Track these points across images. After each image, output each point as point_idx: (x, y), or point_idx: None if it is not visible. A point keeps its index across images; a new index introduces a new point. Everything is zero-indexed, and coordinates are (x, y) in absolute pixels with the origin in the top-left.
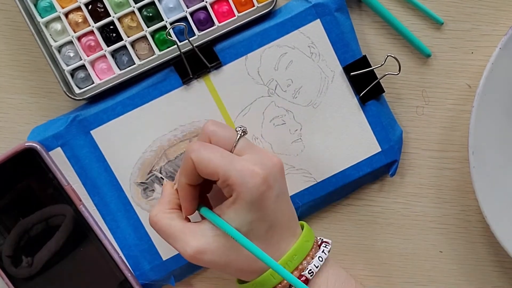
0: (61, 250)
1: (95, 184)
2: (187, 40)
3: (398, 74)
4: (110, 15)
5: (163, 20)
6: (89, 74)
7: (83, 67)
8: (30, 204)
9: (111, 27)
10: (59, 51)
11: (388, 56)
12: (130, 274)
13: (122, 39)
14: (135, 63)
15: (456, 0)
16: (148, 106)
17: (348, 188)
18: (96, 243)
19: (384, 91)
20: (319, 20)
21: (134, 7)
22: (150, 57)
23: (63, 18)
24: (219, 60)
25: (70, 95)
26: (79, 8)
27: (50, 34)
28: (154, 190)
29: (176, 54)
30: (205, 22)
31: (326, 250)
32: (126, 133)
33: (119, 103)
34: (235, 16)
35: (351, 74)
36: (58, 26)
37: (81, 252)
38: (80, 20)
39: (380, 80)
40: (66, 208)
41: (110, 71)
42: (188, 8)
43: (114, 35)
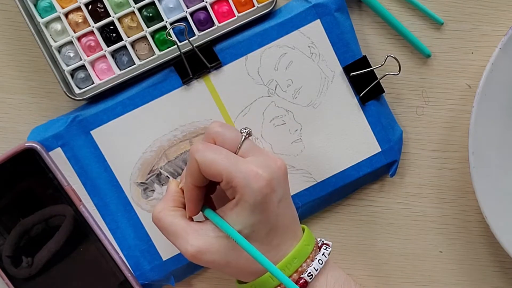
0: (61, 250)
1: (95, 184)
2: (187, 40)
3: (398, 74)
4: (110, 15)
5: (163, 20)
6: (89, 74)
7: (83, 67)
8: (30, 204)
9: (111, 27)
10: (59, 51)
11: (388, 56)
12: (130, 274)
13: (122, 39)
14: (135, 63)
15: (456, 0)
16: (148, 106)
17: (348, 188)
18: (96, 243)
19: (384, 91)
20: (319, 20)
21: (134, 7)
22: (150, 57)
23: (63, 18)
24: (219, 60)
25: (70, 95)
26: (79, 8)
27: (50, 34)
28: (154, 190)
29: (176, 54)
30: (205, 22)
31: (326, 252)
32: (126, 133)
33: (119, 103)
34: (235, 16)
35: (351, 74)
36: (58, 26)
37: (81, 252)
38: (80, 20)
39: (380, 80)
40: (66, 209)
41: (110, 71)
42: (188, 8)
43: (114, 35)
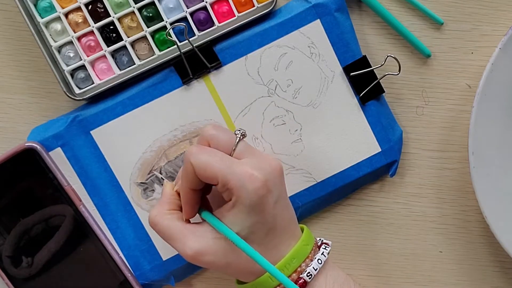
0: (61, 250)
1: (95, 184)
2: (187, 40)
3: (398, 74)
4: (110, 15)
5: (163, 20)
6: (89, 74)
7: (83, 67)
8: (30, 204)
9: (111, 27)
10: (59, 51)
11: (388, 56)
12: (130, 274)
13: (122, 39)
14: (135, 63)
15: (456, 0)
16: (148, 106)
17: (348, 188)
18: (96, 243)
19: (384, 91)
20: (319, 20)
21: (134, 7)
22: (150, 57)
23: (63, 18)
24: (219, 60)
25: (70, 95)
26: (79, 8)
27: (50, 34)
28: (154, 190)
29: (176, 54)
30: (205, 22)
31: (326, 252)
32: (126, 133)
33: (119, 103)
34: (235, 16)
35: (351, 74)
36: (58, 26)
37: (81, 252)
38: (80, 20)
39: (380, 80)
40: (66, 209)
41: (110, 71)
42: (188, 8)
43: (114, 35)
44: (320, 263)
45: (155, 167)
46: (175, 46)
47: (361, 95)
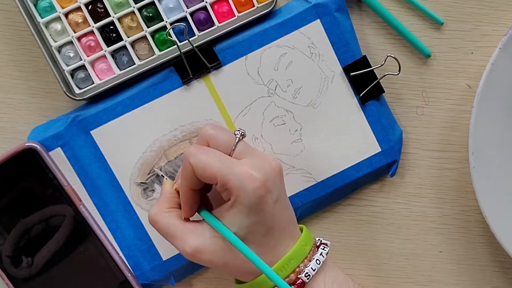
0: (61, 250)
1: (95, 184)
2: (187, 40)
3: (398, 74)
4: (110, 15)
5: (163, 20)
6: (89, 74)
7: (83, 67)
8: (30, 204)
9: (111, 27)
10: (59, 51)
11: (388, 56)
12: (130, 274)
13: (122, 39)
14: (135, 63)
15: (456, 0)
16: (148, 106)
17: (348, 188)
18: (96, 243)
19: (384, 91)
20: (319, 20)
21: (134, 7)
22: (150, 57)
23: (63, 18)
24: (219, 60)
25: (70, 95)
26: (79, 8)
27: (50, 34)
28: (154, 190)
29: (176, 54)
30: (205, 22)
31: (324, 252)
32: (126, 133)
33: (119, 103)
34: (235, 16)
35: (351, 74)
36: (58, 26)
37: (81, 252)
38: (80, 20)
39: (380, 80)
40: (66, 208)
41: (110, 71)
42: (188, 8)
43: (114, 35)
44: (319, 264)
45: (155, 167)
46: (175, 46)
47: (361, 95)
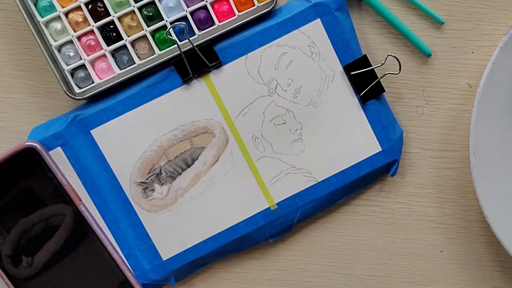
0: (61, 250)
1: (95, 183)
2: (187, 40)
3: (399, 73)
4: (110, 15)
5: (163, 19)
6: (89, 73)
7: (83, 66)
8: (30, 204)
9: (111, 26)
10: (59, 51)
11: (388, 55)
12: (130, 274)
13: (122, 39)
14: (135, 63)
15: None
16: (148, 105)
17: (348, 187)
18: (96, 243)
19: (384, 91)
20: (319, 19)
21: (134, 6)
22: (150, 56)
23: (63, 17)
24: (219, 59)
25: (70, 95)
26: (79, 8)
27: (50, 34)
28: (154, 190)
29: (176, 53)
30: (205, 22)
31: None
32: (126, 132)
33: (119, 103)
34: (235, 15)
35: (352, 73)
36: (58, 25)
37: (81, 252)
38: (80, 20)
39: (380, 80)
40: (66, 208)
41: (110, 70)
42: (188, 7)
43: (114, 34)
44: None
45: (155, 166)
46: (175, 45)
47: (361, 94)
